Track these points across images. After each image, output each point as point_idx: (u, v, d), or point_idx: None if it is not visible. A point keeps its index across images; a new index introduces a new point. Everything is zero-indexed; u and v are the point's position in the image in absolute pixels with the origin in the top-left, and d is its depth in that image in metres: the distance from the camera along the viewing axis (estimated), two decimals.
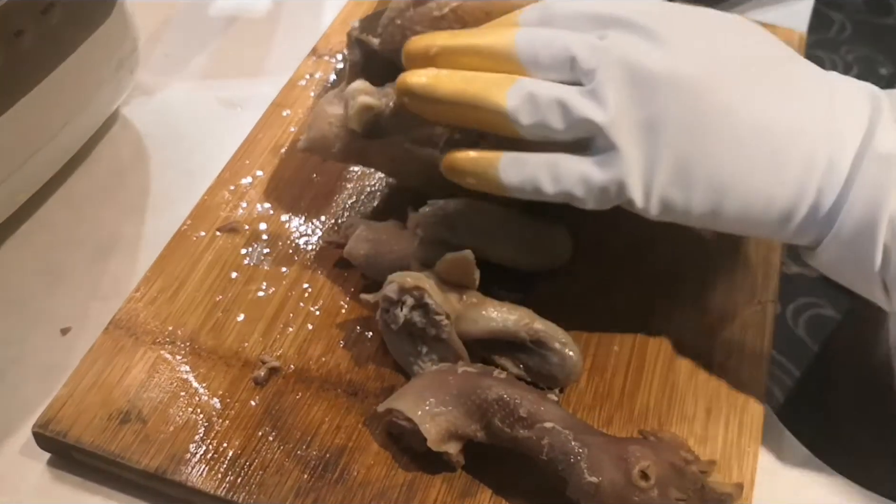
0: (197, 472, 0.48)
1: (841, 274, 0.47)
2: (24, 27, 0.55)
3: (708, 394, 0.53)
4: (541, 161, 0.46)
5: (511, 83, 0.46)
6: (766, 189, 0.45)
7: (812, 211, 0.45)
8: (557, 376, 0.51)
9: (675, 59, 0.45)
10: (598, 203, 0.46)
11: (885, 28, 2.12)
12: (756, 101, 0.45)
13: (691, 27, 0.47)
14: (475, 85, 0.47)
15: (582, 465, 0.45)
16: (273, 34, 0.79)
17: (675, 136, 0.44)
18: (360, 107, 0.51)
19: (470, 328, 0.51)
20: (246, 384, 0.52)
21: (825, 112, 0.45)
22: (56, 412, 0.50)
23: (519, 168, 0.47)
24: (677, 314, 0.56)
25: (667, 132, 0.44)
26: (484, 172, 0.47)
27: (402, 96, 0.48)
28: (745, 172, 0.45)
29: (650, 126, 0.44)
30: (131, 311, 0.55)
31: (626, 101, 0.44)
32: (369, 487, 0.48)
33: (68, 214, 0.64)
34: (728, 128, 0.44)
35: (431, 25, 0.50)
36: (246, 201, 0.61)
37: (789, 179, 0.44)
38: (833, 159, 0.44)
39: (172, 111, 0.71)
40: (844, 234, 0.45)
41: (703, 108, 0.44)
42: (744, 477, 0.49)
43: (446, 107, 0.47)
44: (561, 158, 0.46)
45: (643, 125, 0.44)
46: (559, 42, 0.46)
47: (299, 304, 0.56)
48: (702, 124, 0.44)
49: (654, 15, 0.46)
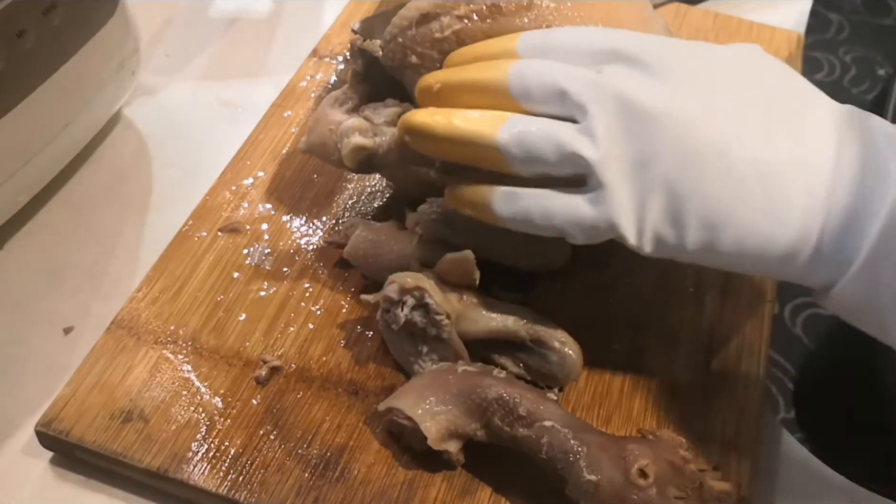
0: (199, 471, 0.48)
1: (859, 318, 0.45)
2: (27, 28, 0.55)
3: (706, 393, 0.53)
4: (533, 196, 0.46)
5: (504, 121, 0.46)
6: (762, 225, 0.43)
7: (818, 249, 0.43)
8: (557, 375, 0.51)
9: (671, 94, 0.44)
10: (589, 238, 0.46)
11: (883, 29, 2.12)
12: (751, 136, 0.44)
13: (693, 63, 0.46)
14: (470, 123, 0.47)
15: (581, 464, 0.45)
16: (274, 35, 0.79)
17: (666, 173, 0.43)
18: (353, 147, 0.51)
19: (470, 328, 0.51)
20: (247, 383, 0.52)
21: (828, 145, 0.44)
22: (58, 411, 0.50)
23: (512, 202, 0.47)
24: (676, 314, 0.56)
25: (658, 168, 0.43)
26: (480, 205, 0.48)
27: (404, 135, 0.49)
28: (739, 208, 0.43)
29: (641, 162, 0.44)
30: (133, 311, 0.55)
31: (618, 137, 0.44)
32: (370, 486, 0.48)
33: (70, 214, 0.64)
34: (720, 163, 0.43)
35: (433, 47, 0.50)
36: (247, 201, 0.62)
37: (787, 215, 0.43)
38: (839, 193, 0.43)
39: (174, 112, 0.72)
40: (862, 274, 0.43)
41: (696, 144, 0.43)
42: (742, 475, 0.49)
43: (444, 144, 0.48)
44: (553, 195, 0.46)
45: (635, 161, 0.44)
46: (550, 77, 0.46)
47: (300, 304, 0.56)
48: (694, 160, 0.43)
49: (656, 50, 0.46)
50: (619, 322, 0.56)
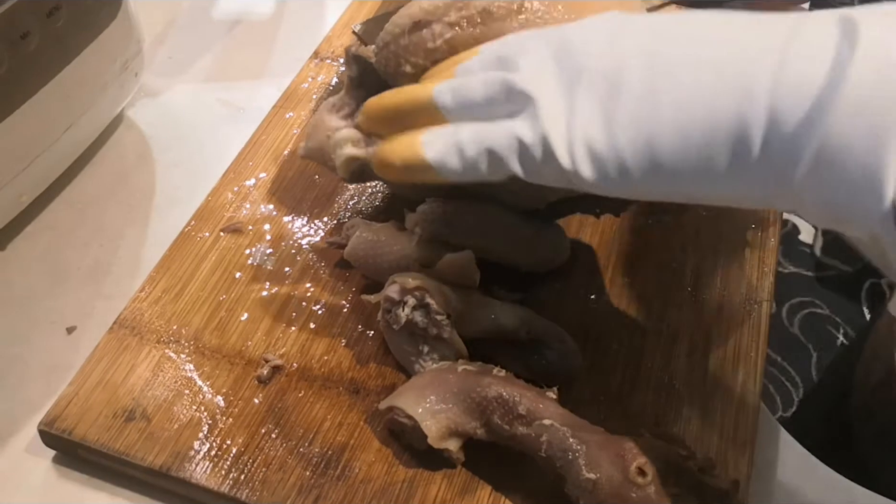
0: (201, 470, 0.48)
1: (837, 219, 0.37)
2: (30, 30, 0.55)
3: (704, 391, 0.53)
4: (464, 129, 0.43)
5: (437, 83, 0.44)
6: (706, 112, 0.38)
7: (773, 130, 0.36)
8: (557, 373, 0.51)
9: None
10: (530, 168, 0.42)
11: None
12: (695, 32, 0.40)
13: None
14: (400, 94, 0.46)
15: (580, 462, 0.45)
16: (276, 37, 0.79)
17: (593, 81, 0.40)
18: (346, 158, 0.51)
19: (471, 327, 0.51)
20: (249, 382, 0.52)
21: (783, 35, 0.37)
22: (61, 410, 0.50)
23: (443, 139, 0.43)
24: (674, 313, 0.56)
25: (586, 78, 0.40)
26: (410, 154, 0.44)
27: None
28: (677, 100, 0.38)
29: (570, 80, 0.41)
30: (136, 311, 0.55)
31: (547, 62, 0.42)
32: (371, 484, 0.48)
33: (73, 215, 0.64)
34: (656, 58, 0.39)
35: (426, 56, 0.49)
36: (249, 202, 0.62)
37: (730, 93, 0.37)
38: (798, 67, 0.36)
39: (177, 113, 0.72)
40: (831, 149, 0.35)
41: (623, 51, 0.40)
42: (740, 474, 0.50)
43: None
44: (486, 125, 0.42)
45: (562, 80, 0.41)
46: (474, 81, 0.43)
47: (302, 304, 0.56)
48: (620, 63, 0.40)
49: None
50: (619, 322, 0.56)
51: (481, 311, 0.52)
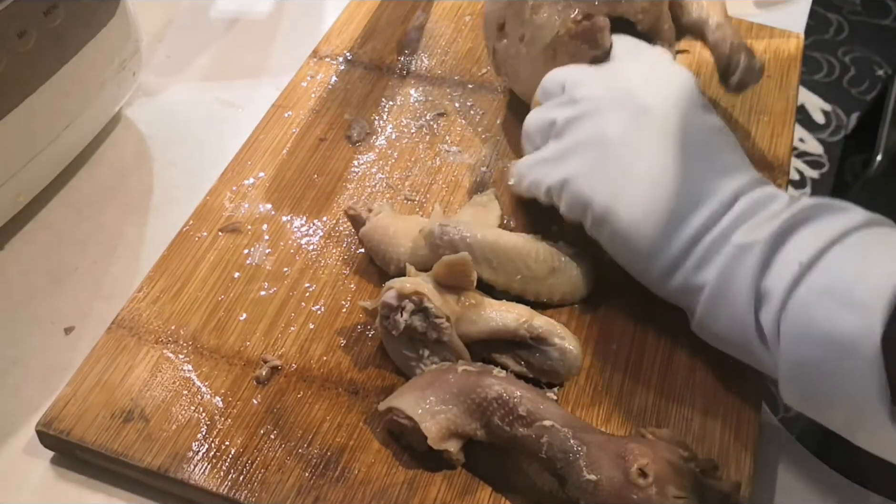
0: (199, 471, 0.48)
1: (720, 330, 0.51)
2: (28, 28, 0.55)
3: (705, 392, 0.53)
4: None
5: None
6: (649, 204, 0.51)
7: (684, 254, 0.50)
8: (559, 371, 0.51)
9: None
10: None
11: (882, 29, 2.12)
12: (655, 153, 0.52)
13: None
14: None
15: (580, 463, 0.45)
16: (274, 36, 0.79)
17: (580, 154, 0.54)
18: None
19: (470, 329, 0.51)
20: (248, 383, 0.52)
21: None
22: (59, 411, 0.50)
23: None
24: (675, 314, 0.56)
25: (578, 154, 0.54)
26: None
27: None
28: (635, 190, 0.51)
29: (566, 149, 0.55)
30: (134, 311, 0.55)
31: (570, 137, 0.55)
32: (370, 485, 0.48)
33: (71, 215, 0.64)
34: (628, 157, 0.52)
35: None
36: (248, 202, 0.62)
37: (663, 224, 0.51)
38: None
39: (175, 112, 0.72)
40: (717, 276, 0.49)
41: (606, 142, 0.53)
42: (741, 475, 0.49)
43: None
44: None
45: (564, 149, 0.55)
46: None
47: (301, 304, 0.56)
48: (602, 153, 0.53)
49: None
50: (619, 322, 0.56)
51: (480, 311, 0.51)
